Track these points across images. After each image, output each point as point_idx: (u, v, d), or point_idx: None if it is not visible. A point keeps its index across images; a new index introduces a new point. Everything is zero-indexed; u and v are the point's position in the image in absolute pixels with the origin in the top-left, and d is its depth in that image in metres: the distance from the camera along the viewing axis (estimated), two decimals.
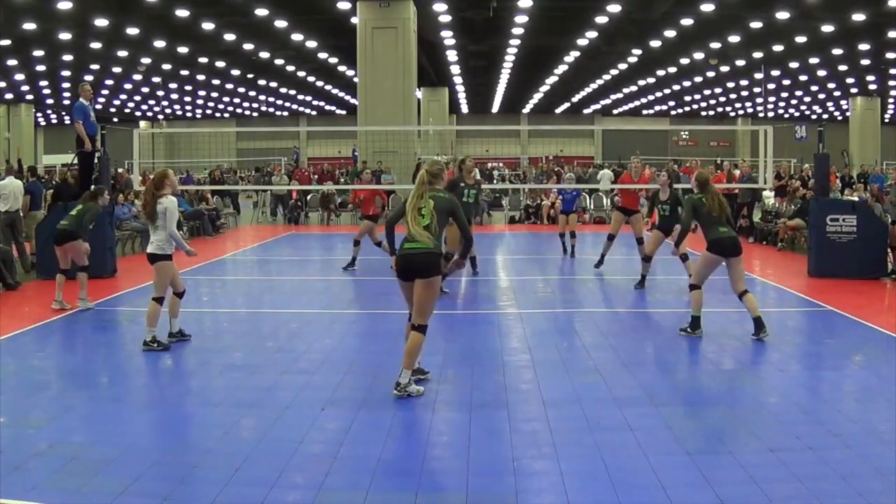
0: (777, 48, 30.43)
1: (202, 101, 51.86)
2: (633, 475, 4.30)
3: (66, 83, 39.73)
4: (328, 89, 46.06)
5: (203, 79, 40.70)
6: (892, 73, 37.38)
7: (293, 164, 35.47)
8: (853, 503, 3.94)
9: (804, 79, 40.20)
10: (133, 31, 26.77)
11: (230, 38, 28.91)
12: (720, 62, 34.41)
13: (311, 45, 31.05)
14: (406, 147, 22.98)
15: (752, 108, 53.37)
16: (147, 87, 43.55)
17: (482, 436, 4.93)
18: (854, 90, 43.56)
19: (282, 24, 26.49)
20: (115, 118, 50.97)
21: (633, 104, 53.85)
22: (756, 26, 26.31)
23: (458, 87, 44.53)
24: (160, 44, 29.46)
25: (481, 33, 29.41)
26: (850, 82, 41.08)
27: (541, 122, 56.05)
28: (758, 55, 32.17)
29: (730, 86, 43.70)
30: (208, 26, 26.45)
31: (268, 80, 41.93)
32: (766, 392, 6.01)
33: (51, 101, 46.73)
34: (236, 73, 38.76)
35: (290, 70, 38.06)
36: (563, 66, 36.58)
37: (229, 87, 44.25)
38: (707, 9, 23.85)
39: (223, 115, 59.18)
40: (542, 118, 57.45)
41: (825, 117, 52.73)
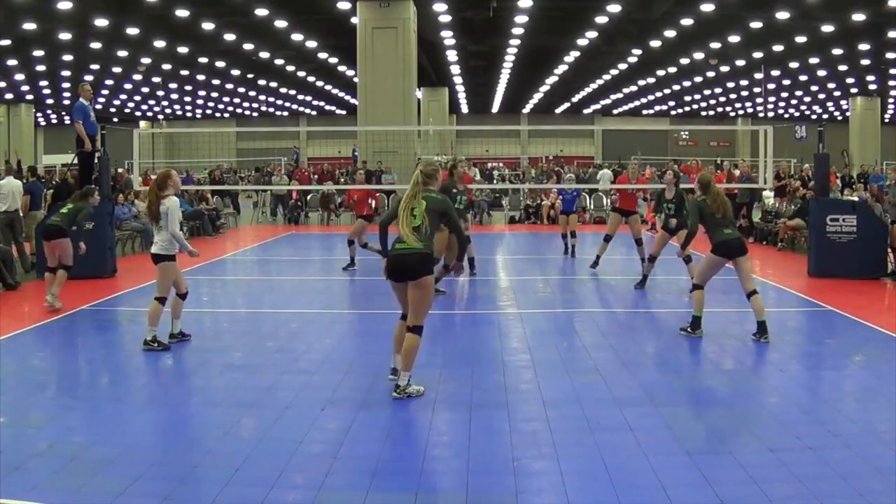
0: (777, 48, 30.45)
1: (202, 101, 51.89)
2: (633, 475, 4.29)
3: (66, 83, 39.75)
4: (328, 89, 46.07)
5: (203, 79, 40.73)
6: (892, 73, 37.39)
7: (293, 164, 35.46)
8: (853, 503, 3.94)
9: (804, 79, 40.22)
10: (133, 31, 26.79)
11: (230, 38, 28.93)
12: (720, 62, 34.42)
13: (311, 45, 31.07)
14: (406, 147, 23.00)
15: (752, 108, 53.39)
16: (147, 87, 43.58)
17: (482, 436, 4.92)
18: (854, 90, 43.59)
19: (282, 24, 26.51)
20: (115, 118, 50.99)
21: (633, 104, 53.88)
22: (756, 26, 26.33)
23: (458, 87, 44.54)
24: (160, 44, 29.48)
25: (481, 33, 29.42)
26: (850, 82, 41.10)
27: (541, 122, 56.07)
28: (758, 55, 32.19)
29: (730, 86, 43.71)
30: (208, 26, 26.47)
31: (268, 80, 41.95)
32: (766, 392, 6.01)
33: (51, 101, 46.75)
34: (236, 73, 38.77)
35: (290, 70, 38.08)
36: (563, 66, 36.60)
37: (229, 87, 44.27)
38: (707, 9, 23.88)
39: (223, 115, 59.21)
40: (542, 118, 57.46)
41: (825, 117, 52.75)
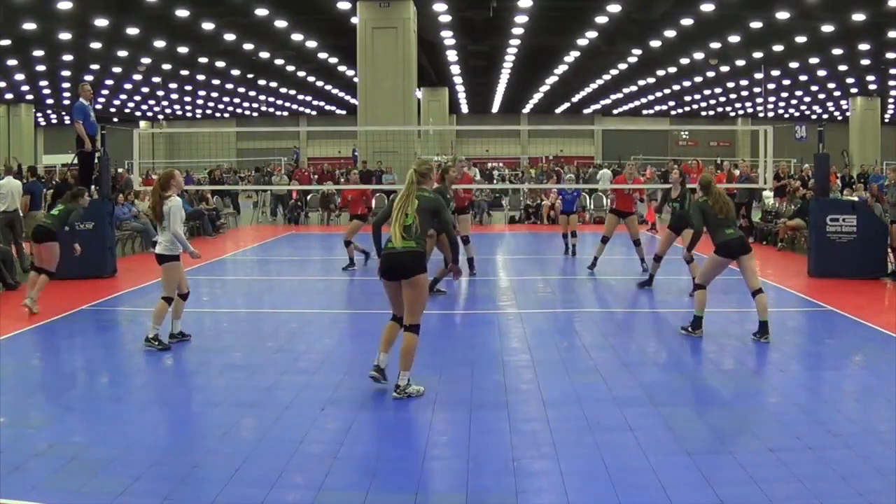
0: (777, 48, 30.43)
1: (202, 101, 51.87)
2: (633, 475, 4.29)
3: (66, 83, 39.74)
4: (328, 89, 46.06)
5: (203, 79, 40.71)
6: (892, 73, 37.38)
7: (293, 164, 35.45)
8: (853, 503, 3.94)
9: (804, 79, 40.20)
10: (133, 31, 26.78)
11: (230, 38, 28.91)
12: (720, 62, 34.40)
13: (311, 45, 31.05)
14: (406, 147, 22.96)
15: (752, 108, 53.38)
16: (147, 87, 43.56)
17: (482, 436, 4.92)
18: (854, 90, 43.58)
19: (282, 24, 26.49)
20: (115, 118, 50.99)
21: (633, 104, 53.86)
22: (756, 26, 26.31)
23: (458, 87, 44.53)
24: (160, 44, 29.46)
25: (481, 33, 29.41)
26: (850, 82, 41.09)
27: (541, 122, 56.06)
28: (758, 55, 32.17)
29: (730, 86, 43.70)
30: (208, 26, 26.46)
31: (268, 80, 41.93)
32: (767, 392, 6.01)
33: (51, 101, 46.74)
34: (236, 73, 38.76)
35: (290, 70, 38.06)
36: (563, 66, 36.58)
37: (229, 87, 44.25)
38: (707, 9, 23.86)
39: (223, 115, 59.20)
40: (542, 118, 57.45)
41: (825, 117, 52.75)
